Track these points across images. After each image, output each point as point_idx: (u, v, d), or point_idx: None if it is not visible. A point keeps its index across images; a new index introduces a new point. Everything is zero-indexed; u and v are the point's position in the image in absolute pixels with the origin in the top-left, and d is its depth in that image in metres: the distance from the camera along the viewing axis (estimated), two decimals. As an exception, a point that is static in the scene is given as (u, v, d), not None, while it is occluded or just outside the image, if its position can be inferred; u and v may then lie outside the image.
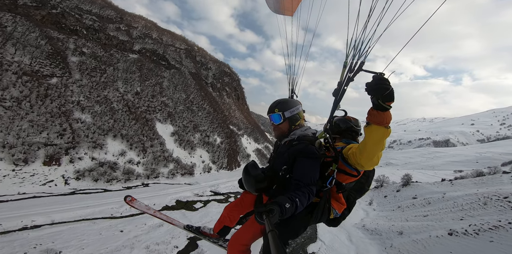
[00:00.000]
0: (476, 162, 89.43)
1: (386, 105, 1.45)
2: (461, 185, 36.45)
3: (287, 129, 2.16)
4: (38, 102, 24.10)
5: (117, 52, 52.78)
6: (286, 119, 2.12)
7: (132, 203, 3.07)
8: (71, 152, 21.77)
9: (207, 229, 2.85)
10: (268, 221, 1.26)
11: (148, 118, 39.76)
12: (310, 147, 1.90)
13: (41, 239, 10.44)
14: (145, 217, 16.44)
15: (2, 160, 16.57)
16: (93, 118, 28.40)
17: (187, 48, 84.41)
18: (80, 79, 34.54)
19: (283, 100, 2.19)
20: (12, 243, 9.54)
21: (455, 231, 19.45)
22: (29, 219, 12.02)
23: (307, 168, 1.83)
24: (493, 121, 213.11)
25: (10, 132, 18.63)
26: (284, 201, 1.48)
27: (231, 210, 2.55)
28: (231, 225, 2.63)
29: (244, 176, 2.07)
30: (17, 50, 29.68)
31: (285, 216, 1.43)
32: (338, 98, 1.89)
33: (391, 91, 1.42)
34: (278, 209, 1.37)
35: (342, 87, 1.84)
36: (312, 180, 1.78)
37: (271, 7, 3.33)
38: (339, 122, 2.42)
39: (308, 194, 1.66)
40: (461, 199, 28.81)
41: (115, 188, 21.24)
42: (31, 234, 10.62)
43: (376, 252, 18.55)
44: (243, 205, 2.49)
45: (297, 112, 2.14)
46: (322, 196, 1.93)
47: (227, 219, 2.57)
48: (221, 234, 2.71)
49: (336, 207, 2.02)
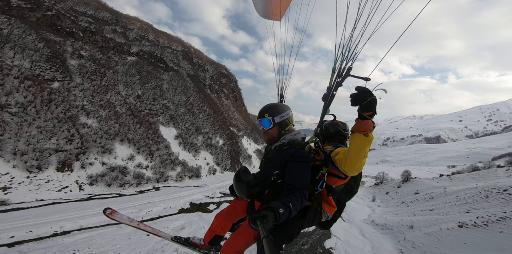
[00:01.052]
0: (467, 157, 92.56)
1: (364, 115, 1.52)
2: (460, 180, 37.78)
3: (277, 134, 2.15)
4: (43, 107, 23.54)
5: (114, 55, 51.97)
6: (276, 124, 2.12)
7: (113, 215, 2.87)
8: (82, 157, 21.38)
9: (197, 240, 2.73)
10: (262, 226, 1.24)
11: (151, 122, 39.32)
12: (300, 151, 1.91)
13: (76, 245, 10.33)
14: (165, 220, 16.40)
15: (15, 167, 16.15)
16: (99, 123, 27.95)
17: (184, 50, 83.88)
18: (81, 83, 33.87)
19: (273, 105, 2.19)
20: (50, 250, 9.43)
21: (465, 223, 20.22)
22: (57, 225, 11.83)
23: (299, 172, 1.84)
24: (480, 118, 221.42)
25: (20, 139, 18.16)
26: (278, 206, 1.47)
27: (222, 218, 2.46)
28: (223, 234, 2.53)
29: (236, 183, 2.05)
30: (16, 53, 28.86)
31: (279, 221, 1.42)
32: (328, 102, 1.91)
33: (369, 102, 1.48)
34: (272, 215, 1.37)
35: (331, 92, 1.86)
36: (304, 184, 1.79)
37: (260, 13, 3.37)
38: (328, 127, 2.46)
39: (301, 198, 1.67)
40: (462, 193, 29.91)
41: (128, 193, 21.03)
42: (65, 240, 10.49)
43: (391, 246, 19.07)
44: (235, 212, 2.43)
45: (287, 117, 2.14)
46: (313, 199, 1.93)
47: (219, 227, 2.48)
48: (213, 243, 2.59)
49: (328, 210, 2.04)
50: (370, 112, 1.53)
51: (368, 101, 1.48)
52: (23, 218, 11.85)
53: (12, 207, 13.11)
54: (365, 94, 1.49)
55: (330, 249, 18.06)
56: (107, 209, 2.95)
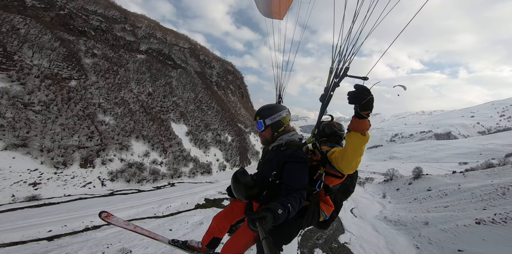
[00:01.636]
0: (479, 154, 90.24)
1: (362, 114, 1.50)
2: (474, 177, 37.08)
3: (270, 136, 2.15)
4: (64, 105, 24.30)
5: (125, 53, 52.67)
6: (268, 126, 2.12)
7: (108, 219, 2.81)
8: (102, 154, 22.08)
9: (195, 243, 2.67)
10: (262, 228, 1.24)
11: (163, 119, 39.99)
12: (298, 152, 1.91)
13: (108, 239, 10.78)
14: (184, 215, 16.78)
15: (43, 164, 16.88)
16: (116, 120, 28.65)
17: (191, 47, 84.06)
18: (96, 81, 34.62)
19: (265, 107, 2.20)
20: (86, 243, 9.90)
21: (483, 220, 20.01)
22: (88, 220, 12.38)
23: (297, 173, 1.83)
24: (493, 113, 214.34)
25: (45, 136, 18.89)
26: (277, 207, 1.47)
27: (220, 220, 2.42)
28: (221, 236, 2.50)
29: (234, 184, 2.03)
30: (34, 53, 29.67)
31: (278, 222, 1.42)
32: (325, 103, 1.90)
33: (368, 101, 1.46)
34: (271, 216, 1.37)
35: (328, 92, 1.85)
36: (302, 185, 1.79)
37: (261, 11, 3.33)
38: (325, 127, 2.47)
39: (299, 199, 1.67)
40: (478, 190, 29.43)
41: (146, 188, 21.65)
42: (97, 234, 10.97)
43: (406, 241, 19.13)
44: (233, 213, 2.40)
45: (279, 119, 2.11)
46: (311, 199, 1.93)
47: (217, 229, 2.44)
48: (211, 246, 2.55)
49: (325, 210, 2.05)
50: (369, 111, 1.51)
51: (367, 100, 1.47)
52: (56, 213, 12.47)
53: (44, 202, 13.80)
54: (364, 93, 1.47)
55: (345, 243, 18.29)
56: (103, 212, 2.88)
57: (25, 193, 14.13)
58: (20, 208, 12.49)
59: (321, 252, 15.81)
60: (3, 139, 16.17)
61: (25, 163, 16.02)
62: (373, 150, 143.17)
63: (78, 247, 9.20)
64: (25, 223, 10.57)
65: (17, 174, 15.01)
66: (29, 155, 16.69)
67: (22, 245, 8.85)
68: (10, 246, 8.78)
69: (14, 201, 13.34)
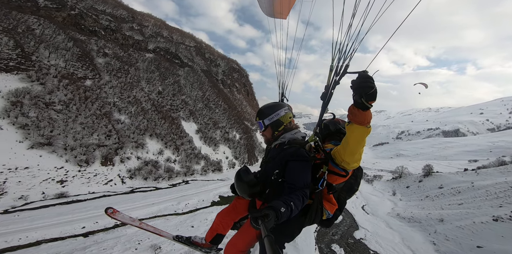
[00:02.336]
0: (490, 151, 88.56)
1: (368, 104, 1.45)
2: (487, 174, 36.56)
3: (271, 135, 2.16)
4: (82, 105, 24.84)
5: (134, 52, 53.16)
6: (268, 126, 2.14)
7: (114, 215, 2.83)
8: (120, 152, 22.59)
9: (199, 239, 2.69)
10: (264, 226, 1.24)
11: (173, 117, 40.45)
12: (301, 150, 1.91)
13: (138, 236, 11.21)
14: (203, 212, 17.19)
15: (68, 162, 17.41)
16: (130, 118, 29.15)
17: (196, 45, 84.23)
18: (109, 80, 35.15)
19: (263, 107, 2.20)
20: (119, 240, 10.33)
21: (500, 217, 19.88)
22: (115, 216, 12.82)
23: (299, 171, 1.83)
24: (502, 110, 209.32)
25: (68, 135, 19.41)
26: (279, 205, 1.46)
27: (223, 217, 2.44)
28: (224, 233, 2.51)
29: (237, 182, 2.04)
30: (51, 53, 30.25)
31: (281, 220, 1.41)
32: (326, 101, 1.89)
33: (375, 90, 1.42)
34: (273, 214, 1.36)
35: (329, 90, 1.84)
36: (305, 183, 1.79)
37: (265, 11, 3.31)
38: (329, 125, 2.40)
39: (302, 197, 1.66)
40: (492, 188, 29.07)
41: (163, 186, 22.09)
42: (127, 231, 11.40)
43: (421, 238, 19.19)
44: (236, 210, 2.41)
45: (277, 118, 2.12)
46: (314, 197, 1.92)
47: (220, 226, 2.46)
48: (214, 242, 2.57)
49: (328, 208, 2.02)
50: (373, 101, 1.47)
51: (375, 89, 1.42)
52: (85, 210, 12.92)
53: (72, 199, 14.29)
54: (371, 81, 1.42)
55: (361, 239, 18.48)
56: (109, 208, 2.88)
57: (53, 190, 14.64)
58: (52, 205, 12.99)
59: (339, 247, 16.05)
60: (28, 137, 16.71)
61: (51, 161, 16.54)
62: (379, 147, 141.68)
63: (113, 243, 9.63)
64: (60, 220, 11.01)
65: (45, 171, 15.53)
66: (54, 153, 17.21)
67: (63, 241, 9.27)
68: (53, 242, 9.21)
69: (44, 198, 13.85)
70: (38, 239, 9.28)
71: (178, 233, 13.56)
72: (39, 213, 11.78)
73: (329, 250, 14.78)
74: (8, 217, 10.92)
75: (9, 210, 11.80)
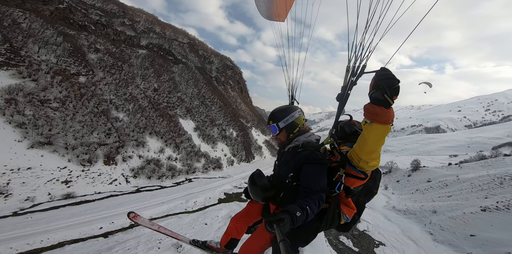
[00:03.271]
0: (468, 147, 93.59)
1: (391, 101, 1.37)
2: (470, 168, 38.74)
3: (285, 138, 2.12)
4: (78, 102, 23.69)
5: (126, 48, 51.20)
6: (282, 129, 2.09)
7: (136, 219, 2.88)
8: (121, 150, 21.87)
9: (214, 243, 2.69)
10: (279, 230, 1.22)
11: (171, 115, 39.54)
12: (315, 153, 1.86)
13: (156, 235, 10.94)
14: (213, 210, 17.04)
15: (71, 161, 16.62)
16: (128, 116, 28.23)
17: (190, 42, 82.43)
18: (104, 77, 33.71)
19: (276, 110, 2.16)
20: (140, 239, 10.08)
21: (487, 208, 21.21)
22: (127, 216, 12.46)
23: (315, 175, 1.78)
24: (479, 108, 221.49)
25: (67, 133, 18.49)
26: (295, 209, 1.43)
27: (238, 221, 2.42)
28: (239, 237, 2.49)
29: (250, 186, 2.01)
30: (40, 48, 28.49)
31: (296, 224, 1.38)
32: (343, 102, 1.83)
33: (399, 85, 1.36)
34: (289, 218, 1.33)
35: (346, 91, 1.77)
36: (321, 187, 1.74)
37: (263, 14, 3.26)
38: (344, 127, 2.33)
39: (318, 201, 1.62)
40: (476, 180, 30.87)
41: (167, 184, 21.73)
42: (145, 230, 11.10)
43: (419, 228, 20.12)
44: (250, 215, 2.39)
45: (292, 120, 2.07)
46: (331, 201, 1.87)
47: (234, 231, 2.44)
48: (229, 247, 2.55)
49: (346, 212, 1.95)
50: (397, 97, 1.39)
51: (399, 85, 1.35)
52: (97, 210, 12.47)
53: (80, 200, 13.71)
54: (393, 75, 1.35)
55: (365, 231, 19.12)
56: (131, 213, 2.94)
57: (59, 191, 13.96)
58: (62, 206, 12.40)
59: (346, 238, 16.53)
60: (27, 137, 15.75)
61: (54, 160, 15.73)
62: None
63: (135, 243, 9.40)
64: (75, 221, 10.60)
65: (49, 172, 14.75)
66: (56, 153, 16.36)
67: (85, 243, 8.94)
68: (75, 243, 8.86)
69: (51, 199, 13.19)
70: (59, 240, 8.89)
71: (194, 231, 13.37)
72: (51, 214, 11.24)
73: (338, 242, 15.19)
74: (20, 219, 10.35)
75: (19, 212, 11.18)
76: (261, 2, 3.17)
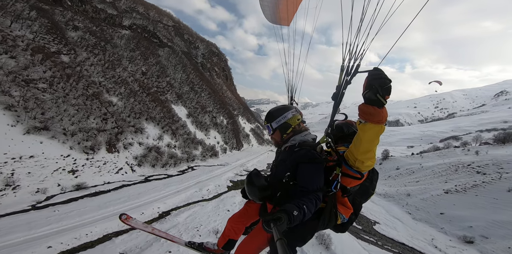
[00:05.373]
0: (421, 139, 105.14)
1: (384, 100, 1.37)
2: (428, 157, 43.86)
3: (279, 138, 2.10)
4: (66, 84, 20.68)
5: (107, 28, 45.09)
6: (276, 129, 2.08)
7: (128, 221, 2.77)
8: (121, 137, 20.08)
9: (211, 245, 2.60)
10: (276, 229, 1.18)
11: (162, 100, 36.89)
12: (312, 152, 1.83)
13: (189, 223, 10.70)
14: (227, 196, 16.90)
15: (73, 149, 14.72)
16: (122, 100, 25.67)
17: (175, 25, 75.90)
18: (88, 57, 29.66)
19: (271, 110, 2.15)
20: (178, 228, 9.76)
21: (449, 190, 24.51)
22: (154, 206, 11.89)
23: (311, 174, 1.74)
24: (430, 105, 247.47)
25: (63, 118, 16.21)
26: (292, 208, 1.40)
27: (235, 222, 2.36)
28: (236, 238, 2.42)
29: (248, 186, 1.98)
30: (12, 22, 23.65)
31: (293, 223, 1.35)
32: (338, 102, 1.81)
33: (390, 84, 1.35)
34: (286, 217, 1.30)
35: (340, 90, 1.77)
36: (317, 186, 1.70)
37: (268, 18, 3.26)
38: (342, 127, 2.27)
39: (315, 200, 1.58)
40: (436, 168, 35.20)
41: (173, 173, 20.93)
42: (177, 219, 10.73)
43: (398, 209, 22.63)
44: (247, 215, 2.33)
45: (284, 121, 2.04)
46: (327, 201, 1.81)
47: (232, 231, 2.38)
48: (226, 248, 2.46)
49: (343, 212, 1.89)
50: (389, 96, 1.39)
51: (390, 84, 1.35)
52: (120, 201, 11.62)
53: (95, 191, 12.43)
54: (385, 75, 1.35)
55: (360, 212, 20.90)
56: (123, 214, 2.80)
57: (68, 181, 12.44)
58: (80, 198, 11.14)
59: (345, 220, 17.88)
60: (20, 120, 13.39)
61: (55, 148, 13.77)
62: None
63: (177, 232, 9.13)
64: (106, 213, 9.83)
65: (53, 160, 12.93)
66: (55, 139, 14.29)
67: (129, 234, 8.30)
68: (120, 236, 8.22)
69: (63, 190, 11.71)
70: (103, 233, 8.16)
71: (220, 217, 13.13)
72: (76, 206, 10.11)
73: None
74: (46, 213, 9.10)
75: (37, 205, 9.78)
76: (266, 6, 3.10)
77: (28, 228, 7.86)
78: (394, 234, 16.20)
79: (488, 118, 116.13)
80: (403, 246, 14.93)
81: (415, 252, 14.61)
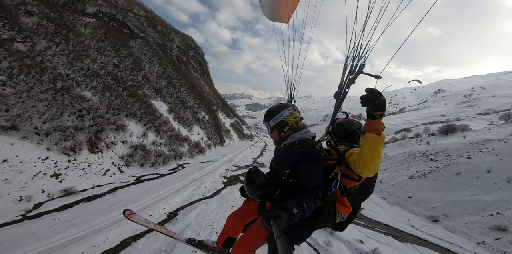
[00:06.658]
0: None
1: (375, 114, 1.48)
2: (390, 148, 49.12)
3: (277, 136, 2.09)
4: (28, 76, 17.44)
5: (68, 14, 38.79)
6: (273, 128, 2.07)
7: (131, 217, 2.77)
8: (102, 136, 17.90)
9: (210, 242, 2.60)
10: (276, 226, 1.17)
11: (140, 95, 33.76)
12: (312, 150, 1.82)
13: (200, 221, 10.27)
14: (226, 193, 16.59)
15: (51, 151, 12.51)
16: (96, 95, 22.81)
17: (147, 15, 69.62)
18: (48, 46, 25.35)
19: (269, 109, 2.15)
20: (193, 227, 9.34)
21: (413, 176, 27.94)
22: (160, 208, 11.02)
23: (311, 172, 1.73)
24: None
25: (32, 115, 13.69)
26: (291, 206, 1.38)
27: (234, 220, 2.36)
28: (236, 236, 2.40)
29: (247, 184, 1.97)
30: None
31: (293, 221, 1.33)
32: (340, 100, 1.81)
33: (379, 102, 1.45)
34: (285, 215, 1.28)
35: (343, 89, 1.76)
36: (317, 184, 1.68)
37: (267, 15, 3.24)
38: (343, 125, 2.24)
39: (314, 198, 1.57)
40: (398, 157, 39.69)
41: (164, 172, 19.74)
42: (188, 218, 10.16)
43: (374, 195, 25.08)
44: (246, 213, 2.32)
45: (281, 119, 2.03)
46: (326, 199, 1.80)
47: (231, 229, 2.37)
48: (226, 246, 2.46)
49: (342, 211, 1.88)
50: (381, 112, 1.50)
51: (379, 101, 1.46)
52: (122, 204, 10.53)
53: (88, 195, 10.88)
54: (376, 95, 1.46)
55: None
56: (126, 210, 2.80)
57: (53, 187, 10.62)
58: (74, 203, 9.62)
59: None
60: (-22, 119, 10.87)
61: (30, 150, 11.55)
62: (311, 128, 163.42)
63: (192, 232, 8.84)
64: (113, 217, 9.03)
65: (30, 164, 10.84)
66: (27, 140, 11.96)
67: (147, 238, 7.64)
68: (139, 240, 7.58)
69: (50, 197, 9.94)
70: (120, 239, 7.25)
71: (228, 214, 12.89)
72: (74, 213, 8.71)
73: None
74: (46, 221, 7.68)
75: (28, 214, 8.17)
76: (266, 3, 3.09)
77: (36, 239, 6.82)
78: (378, 217, 18.08)
79: (430, 112, 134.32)
80: (388, 227, 16.79)
81: (399, 231, 16.61)
